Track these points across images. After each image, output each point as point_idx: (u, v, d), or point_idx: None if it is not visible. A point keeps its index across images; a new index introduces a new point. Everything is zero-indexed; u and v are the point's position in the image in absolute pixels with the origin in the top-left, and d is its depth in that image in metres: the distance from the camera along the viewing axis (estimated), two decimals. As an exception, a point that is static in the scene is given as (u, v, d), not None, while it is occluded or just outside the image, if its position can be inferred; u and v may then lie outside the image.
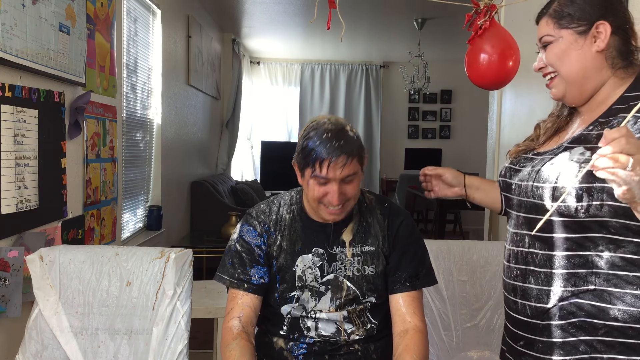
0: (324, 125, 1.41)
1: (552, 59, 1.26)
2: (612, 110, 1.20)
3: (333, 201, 1.41)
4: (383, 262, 1.52)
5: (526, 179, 1.27)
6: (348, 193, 1.42)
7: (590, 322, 1.17)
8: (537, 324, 1.24)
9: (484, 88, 2.02)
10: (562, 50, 1.24)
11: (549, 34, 1.26)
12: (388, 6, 5.46)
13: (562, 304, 1.20)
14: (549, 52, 1.26)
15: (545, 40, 1.27)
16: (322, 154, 1.36)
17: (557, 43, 1.24)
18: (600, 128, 1.19)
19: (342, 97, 8.48)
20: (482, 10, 1.85)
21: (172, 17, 4.53)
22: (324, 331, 1.50)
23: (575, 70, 1.23)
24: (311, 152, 1.38)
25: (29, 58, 1.99)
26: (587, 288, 1.17)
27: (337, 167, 1.37)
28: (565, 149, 1.22)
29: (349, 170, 1.39)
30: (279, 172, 6.35)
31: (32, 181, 2.05)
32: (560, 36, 1.24)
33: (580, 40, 1.22)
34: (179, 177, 4.97)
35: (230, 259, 1.53)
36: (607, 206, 1.11)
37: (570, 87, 1.25)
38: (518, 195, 1.29)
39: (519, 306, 1.29)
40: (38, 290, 1.66)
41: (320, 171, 1.38)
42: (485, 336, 2.06)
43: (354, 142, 1.40)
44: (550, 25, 1.26)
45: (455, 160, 8.22)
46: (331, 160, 1.36)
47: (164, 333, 1.62)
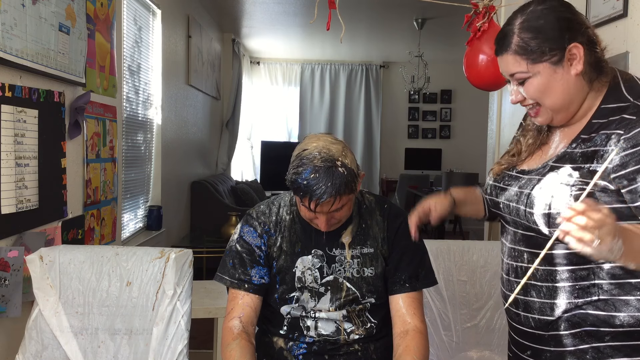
0: (314, 160, 1.37)
1: (535, 94, 1.19)
2: (592, 124, 1.19)
3: (321, 226, 1.43)
4: (382, 263, 1.52)
5: (515, 200, 1.25)
6: (337, 217, 1.44)
7: (597, 330, 1.17)
8: (542, 334, 1.24)
9: (482, 89, 2.02)
10: (543, 84, 1.18)
11: (522, 72, 1.18)
12: (388, 6, 5.46)
13: (567, 315, 1.20)
14: (528, 87, 1.19)
15: (520, 77, 1.20)
16: (310, 194, 1.36)
17: (535, 79, 1.18)
18: (583, 146, 1.18)
19: (342, 97, 8.48)
20: (481, 12, 1.85)
21: (172, 17, 4.53)
22: (324, 330, 1.51)
23: (561, 99, 1.19)
24: (299, 189, 1.37)
25: (29, 58, 1.99)
26: (590, 299, 1.17)
27: (325, 206, 1.37)
28: (551, 168, 1.21)
29: (337, 206, 1.39)
30: (279, 172, 6.28)
31: (32, 181, 2.05)
32: (537, 71, 1.17)
33: (558, 69, 1.17)
34: (179, 177, 4.97)
35: (231, 259, 1.53)
36: None
37: (557, 115, 1.21)
38: (509, 214, 1.28)
39: (522, 318, 1.28)
40: (38, 290, 1.66)
41: (308, 206, 1.38)
42: (485, 336, 2.06)
43: (343, 179, 1.36)
44: (520, 63, 1.18)
45: (455, 160, 8.23)
46: (318, 202, 1.36)
47: (164, 333, 1.63)
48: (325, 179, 1.35)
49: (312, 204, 1.36)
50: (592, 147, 1.15)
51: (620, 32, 1.91)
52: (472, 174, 6.27)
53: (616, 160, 1.10)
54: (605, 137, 1.14)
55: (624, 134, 1.10)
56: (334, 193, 1.35)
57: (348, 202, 1.42)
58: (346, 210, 1.44)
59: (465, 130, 8.42)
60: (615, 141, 1.11)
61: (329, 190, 1.34)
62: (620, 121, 1.13)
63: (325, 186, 1.34)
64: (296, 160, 1.40)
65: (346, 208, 1.43)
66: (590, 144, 1.16)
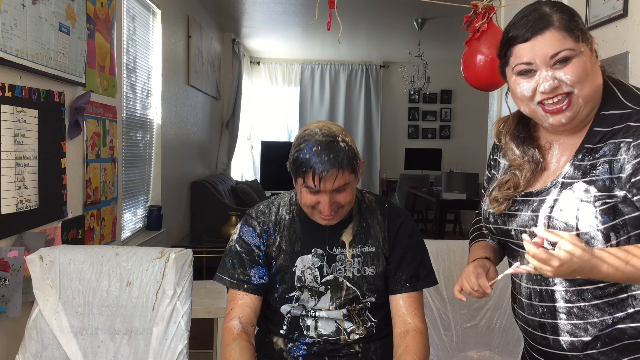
0: (315, 136, 1.39)
1: (580, 76, 1.11)
2: (595, 132, 1.16)
3: (324, 211, 1.41)
4: (383, 262, 1.52)
5: (531, 225, 1.17)
6: (340, 201, 1.42)
7: (635, 342, 1.13)
8: (577, 355, 1.19)
9: (480, 89, 2.03)
10: (587, 66, 1.12)
11: (570, 49, 1.11)
12: (388, 6, 5.46)
13: (603, 333, 1.15)
14: (573, 69, 1.11)
15: (565, 56, 1.11)
16: (312, 167, 1.36)
17: (581, 58, 1.11)
18: (590, 157, 1.15)
19: (342, 97, 8.48)
20: (480, 12, 1.85)
21: (172, 17, 4.53)
22: (324, 330, 1.51)
23: (595, 87, 1.14)
24: (301, 164, 1.38)
25: (29, 58, 1.99)
26: (626, 312, 1.14)
27: (328, 181, 1.37)
28: (563, 185, 1.16)
29: (340, 182, 1.38)
30: (279, 172, 6.31)
31: (32, 181, 2.05)
32: (581, 50, 1.12)
33: (593, 55, 1.15)
34: (179, 177, 4.97)
35: (230, 259, 1.54)
36: (633, 237, 1.10)
37: (585, 107, 1.14)
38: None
39: (550, 341, 1.22)
40: (38, 290, 1.66)
41: (312, 183, 1.38)
42: (485, 336, 2.06)
43: (345, 153, 1.38)
44: (567, 39, 1.11)
45: (455, 160, 8.22)
46: (322, 175, 1.35)
47: (164, 333, 1.63)
48: (327, 152, 1.36)
49: (316, 179, 1.36)
50: (602, 158, 1.13)
51: (620, 32, 1.91)
52: (472, 174, 6.27)
53: (628, 168, 1.08)
54: (614, 147, 1.11)
55: (633, 141, 1.09)
56: (336, 164, 1.36)
57: (350, 183, 1.42)
58: (349, 195, 1.43)
59: (465, 130, 8.42)
60: (625, 149, 1.10)
61: (331, 162, 1.35)
62: (627, 129, 1.11)
63: (328, 157, 1.36)
64: (297, 140, 1.43)
65: (349, 192, 1.42)
66: (599, 155, 1.13)
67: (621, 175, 1.09)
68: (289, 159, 1.43)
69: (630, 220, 1.09)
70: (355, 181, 1.44)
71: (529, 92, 1.15)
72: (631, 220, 1.09)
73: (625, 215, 1.09)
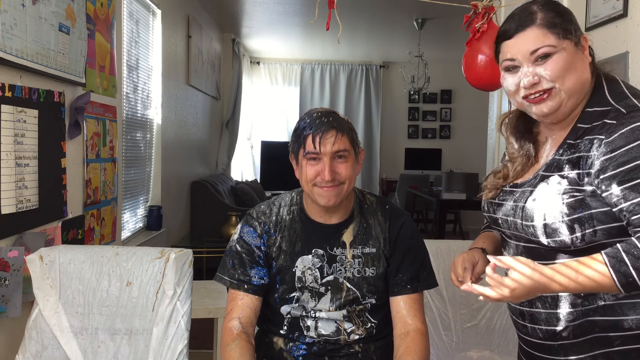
0: (315, 109, 1.49)
1: (559, 71, 1.16)
2: (577, 128, 1.19)
3: (325, 177, 1.41)
4: (384, 264, 1.52)
5: (511, 215, 1.24)
6: (340, 172, 1.43)
7: (606, 335, 1.16)
8: (552, 344, 1.23)
9: (481, 89, 2.02)
10: (568, 62, 1.16)
11: (551, 45, 1.16)
12: (388, 6, 5.46)
13: (575, 323, 1.19)
14: (553, 65, 1.16)
15: (545, 52, 1.16)
16: (313, 129, 1.42)
17: (561, 54, 1.16)
18: (569, 152, 1.18)
19: (342, 97, 8.48)
20: (480, 12, 1.85)
21: (172, 17, 4.53)
22: (324, 330, 1.51)
23: (579, 81, 1.18)
24: (302, 130, 1.44)
25: (29, 58, 1.99)
26: (597, 305, 1.16)
27: (327, 141, 1.40)
28: (541, 178, 1.21)
29: (339, 146, 1.41)
30: (279, 172, 6.34)
31: (32, 181, 2.05)
32: (563, 47, 1.16)
33: (578, 51, 1.18)
34: (179, 177, 4.97)
35: (231, 259, 1.53)
36: (600, 231, 1.12)
37: (569, 100, 1.18)
38: (508, 228, 1.27)
39: (529, 329, 1.28)
40: (38, 290, 1.66)
41: (312, 146, 1.41)
42: (485, 336, 2.07)
43: (345, 121, 1.46)
44: (547, 36, 1.16)
45: (456, 160, 8.22)
46: (321, 135, 1.40)
47: (164, 333, 1.63)
48: (327, 116, 1.44)
49: (316, 140, 1.40)
50: (577, 153, 1.16)
51: (620, 32, 1.91)
52: (472, 174, 6.26)
53: (597, 165, 1.11)
54: (589, 143, 1.15)
55: (605, 139, 1.11)
56: (336, 126, 1.42)
57: (350, 154, 1.45)
58: (349, 168, 1.44)
59: (465, 130, 8.42)
60: (597, 146, 1.12)
61: (331, 123, 1.42)
62: (602, 126, 1.14)
63: (327, 120, 1.43)
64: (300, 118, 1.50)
65: (349, 164, 1.44)
66: (575, 150, 1.17)
67: (591, 171, 1.12)
68: (290, 139, 1.50)
69: (597, 214, 1.12)
70: (354, 158, 1.46)
71: (513, 87, 1.21)
72: (598, 215, 1.12)
73: (592, 210, 1.12)
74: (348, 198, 1.52)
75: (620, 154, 1.08)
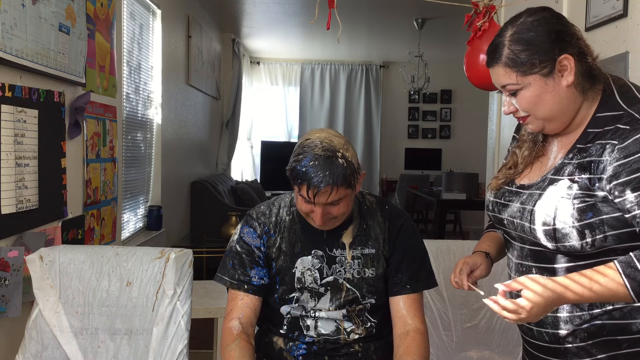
0: (314, 149, 1.39)
1: (527, 106, 1.19)
2: (588, 133, 1.18)
3: (316, 221, 1.42)
4: (383, 264, 1.52)
5: (518, 217, 1.23)
6: (333, 213, 1.43)
7: (614, 339, 1.16)
8: (558, 347, 1.23)
9: (483, 89, 2.02)
10: (534, 96, 1.17)
11: (513, 84, 1.18)
12: (388, 6, 5.46)
13: (584, 327, 1.18)
14: (520, 99, 1.19)
15: (511, 89, 1.19)
16: (308, 181, 1.36)
17: (527, 91, 1.18)
18: (579, 156, 1.17)
19: (342, 97, 8.48)
20: (481, 11, 1.85)
21: (172, 17, 4.53)
22: (324, 330, 1.51)
23: (552, 110, 1.18)
24: (298, 176, 1.38)
25: (29, 58, 1.99)
26: (605, 309, 1.16)
27: (322, 195, 1.37)
28: (550, 181, 1.20)
29: (334, 197, 1.38)
30: (279, 172, 6.28)
31: (32, 181, 2.05)
32: (527, 83, 1.17)
33: (549, 81, 1.16)
34: (179, 177, 4.97)
35: (231, 260, 1.53)
36: (610, 236, 1.11)
37: (550, 124, 1.21)
38: (514, 230, 1.26)
39: (535, 333, 1.27)
40: (38, 290, 1.66)
41: (306, 195, 1.38)
42: (485, 336, 2.07)
43: (342, 170, 1.37)
44: (510, 75, 1.18)
45: (455, 160, 8.22)
46: (316, 191, 1.36)
47: (164, 333, 1.63)
48: (324, 168, 1.36)
49: (310, 193, 1.36)
50: (588, 158, 1.15)
51: (620, 32, 1.91)
52: (472, 174, 6.27)
53: (610, 170, 1.10)
54: (601, 147, 1.14)
55: (618, 144, 1.10)
56: (331, 182, 1.35)
57: (346, 197, 1.41)
58: (344, 207, 1.43)
59: (465, 130, 8.42)
60: (609, 151, 1.11)
61: (326, 179, 1.35)
62: (615, 131, 1.13)
63: (324, 174, 1.35)
64: (298, 149, 1.42)
65: (344, 204, 1.43)
66: (586, 154, 1.16)
67: (603, 176, 1.11)
68: (288, 165, 1.43)
69: (609, 220, 1.11)
70: (352, 194, 1.45)
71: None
72: (609, 221, 1.11)
73: (603, 215, 1.11)
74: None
75: (635, 160, 1.07)
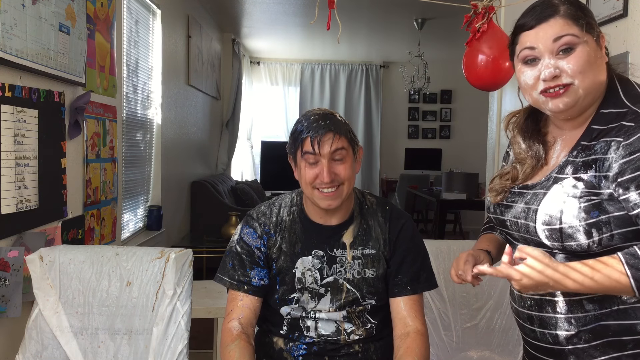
0: (313, 111, 1.48)
1: (581, 66, 1.12)
2: (592, 130, 1.17)
3: (324, 179, 1.41)
4: (384, 265, 1.52)
5: (523, 217, 1.21)
6: (339, 173, 1.43)
7: (619, 339, 1.15)
8: (562, 349, 1.21)
9: (481, 89, 2.02)
10: (591, 56, 1.13)
11: (575, 35, 1.12)
12: (388, 6, 5.46)
13: (588, 327, 1.17)
14: (576, 58, 1.12)
15: (568, 41, 1.12)
16: (310, 133, 1.41)
17: (584, 48, 1.12)
18: (584, 154, 1.16)
19: (342, 97, 8.48)
20: (480, 12, 1.85)
21: (172, 17, 4.53)
22: (324, 330, 1.51)
23: (597, 80, 1.15)
24: (300, 133, 1.44)
25: (29, 58, 1.99)
26: (610, 309, 1.15)
27: (325, 143, 1.40)
28: (554, 180, 1.18)
29: (338, 145, 1.41)
30: (279, 172, 6.34)
31: (32, 181, 2.05)
32: (586, 40, 1.13)
33: (598, 49, 1.15)
34: (179, 177, 4.97)
35: (231, 260, 1.53)
36: (617, 235, 1.10)
37: (585, 98, 1.15)
38: (518, 231, 1.25)
39: (538, 334, 1.25)
40: (38, 290, 1.66)
41: (310, 147, 1.41)
42: (485, 336, 2.07)
43: (342, 123, 1.46)
44: (572, 26, 1.12)
45: (455, 160, 8.22)
46: (319, 138, 1.40)
47: (164, 333, 1.63)
48: (324, 119, 1.44)
49: (314, 142, 1.40)
50: (593, 156, 1.14)
51: (620, 32, 1.91)
52: (472, 174, 6.27)
53: (615, 168, 1.09)
54: (605, 145, 1.13)
55: (623, 141, 1.10)
56: (333, 129, 1.42)
57: (348, 156, 1.45)
58: (348, 169, 1.44)
59: (465, 130, 8.42)
60: (615, 148, 1.10)
61: (328, 126, 1.42)
62: (619, 128, 1.12)
63: (325, 123, 1.43)
64: (297, 120, 1.50)
65: (347, 165, 1.44)
66: (591, 152, 1.15)
67: (608, 174, 1.10)
68: (288, 140, 1.49)
69: (615, 218, 1.10)
70: (352, 157, 1.46)
71: (532, 80, 1.17)
72: (616, 219, 1.10)
73: (610, 214, 1.10)
74: (348, 199, 1.52)
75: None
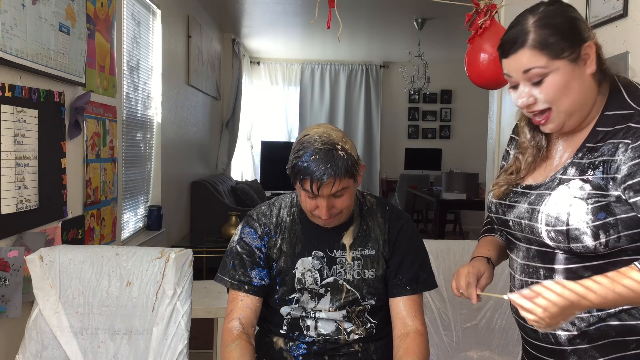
0: (314, 144, 1.39)
1: (554, 94, 1.14)
2: (597, 132, 1.17)
3: (322, 215, 1.42)
4: (383, 265, 1.52)
5: (526, 218, 1.21)
6: (338, 206, 1.42)
7: (622, 340, 1.15)
8: (564, 349, 1.21)
9: (483, 87, 2.02)
10: (563, 82, 1.13)
11: (542, 67, 1.13)
12: (388, 6, 5.46)
13: (591, 328, 1.17)
14: (547, 87, 1.14)
15: (537, 74, 1.14)
16: (310, 175, 1.36)
17: (555, 76, 1.13)
18: (590, 156, 1.16)
19: (342, 97, 8.48)
20: (482, 10, 1.85)
21: (172, 17, 4.53)
22: (324, 330, 1.51)
23: (578, 100, 1.15)
24: (300, 172, 1.38)
25: (29, 58, 1.99)
26: (615, 310, 1.15)
27: (325, 187, 1.37)
28: (560, 181, 1.18)
29: (337, 188, 1.38)
30: (279, 172, 6.30)
31: (32, 181, 2.05)
32: (556, 68, 1.13)
33: (575, 68, 1.13)
34: (179, 177, 4.97)
35: (231, 260, 1.53)
36: (624, 237, 1.10)
37: (571, 119, 1.17)
38: (521, 232, 1.24)
39: (540, 335, 1.24)
40: (38, 290, 1.66)
41: (309, 189, 1.38)
42: (485, 336, 2.07)
43: (343, 162, 1.38)
44: (539, 58, 1.13)
45: (455, 160, 8.22)
46: (319, 184, 1.36)
47: (164, 333, 1.62)
48: (325, 161, 1.36)
49: (314, 186, 1.36)
50: (600, 157, 1.14)
51: (620, 32, 1.91)
52: (472, 174, 6.27)
53: (624, 170, 1.09)
54: (613, 147, 1.12)
55: (632, 143, 1.09)
56: (333, 174, 1.36)
57: (349, 188, 1.42)
58: (347, 200, 1.43)
59: (465, 130, 8.42)
60: (623, 150, 1.10)
61: (329, 171, 1.36)
62: (627, 130, 1.12)
63: (325, 167, 1.36)
64: (297, 146, 1.43)
65: (347, 197, 1.42)
66: (598, 154, 1.14)
67: (616, 176, 1.10)
68: (288, 163, 1.44)
69: (622, 220, 1.10)
70: (354, 185, 1.45)
71: (515, 102, 1.21)
72: (623, 221, 1.10)
73: (617, 215, 1.10)
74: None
75: None
